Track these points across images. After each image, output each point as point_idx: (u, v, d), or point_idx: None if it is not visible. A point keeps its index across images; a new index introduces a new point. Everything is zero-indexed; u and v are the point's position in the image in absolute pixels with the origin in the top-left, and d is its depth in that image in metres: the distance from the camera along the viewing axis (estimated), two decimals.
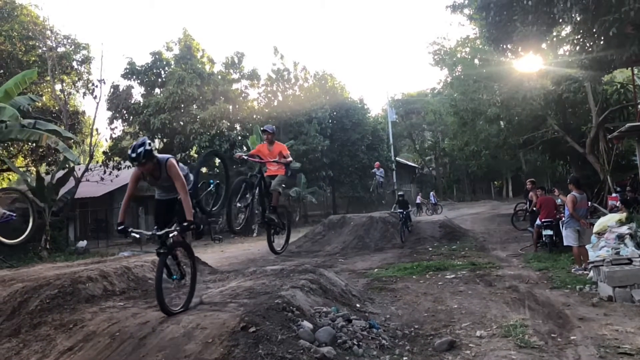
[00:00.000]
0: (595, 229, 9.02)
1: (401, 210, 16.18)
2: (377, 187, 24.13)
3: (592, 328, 5.46)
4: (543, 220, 11.35)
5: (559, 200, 12.09)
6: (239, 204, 6.90)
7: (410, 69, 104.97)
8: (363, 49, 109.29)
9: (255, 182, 7.24)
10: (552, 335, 5.33)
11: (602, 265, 7.00)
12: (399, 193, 17.56)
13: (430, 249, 14.01)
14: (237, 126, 30.83)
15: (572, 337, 5.20)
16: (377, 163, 24.32)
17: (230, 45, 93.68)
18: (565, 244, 9.65)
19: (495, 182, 52.51)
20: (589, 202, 11.15)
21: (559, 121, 22.02)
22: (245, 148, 29.15)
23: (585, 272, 8.34)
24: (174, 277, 5.52)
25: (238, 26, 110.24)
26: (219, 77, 30.33)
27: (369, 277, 9.93)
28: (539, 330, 5.50)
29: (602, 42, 12.16)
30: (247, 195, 7.14)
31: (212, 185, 6.57)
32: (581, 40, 12.99)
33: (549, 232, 11.21)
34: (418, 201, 30.73)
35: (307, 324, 5.00)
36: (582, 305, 6.56)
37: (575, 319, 5.85)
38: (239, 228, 7.08)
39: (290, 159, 7.75)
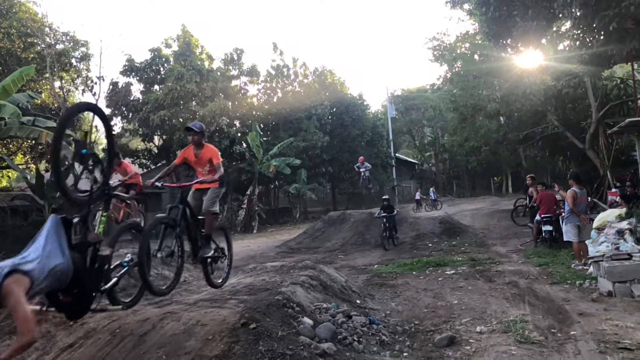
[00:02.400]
0: (595, 224, 9.00)
1: (385, 215, 14.25)
2: (366, 183, 21.93)
3: (592, 323, 5.46)
4: (543, 215, 11.34)
5: (559, 195, 12.08)
6: (160, 255, 5.02)
7: (410, 65, 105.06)
8: (363, 44, 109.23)
9: (177, 217, 5.25)
10: (552, 330, 5.34)
11: (602, 261, 7.00)
12: (384, 197, 15.54)
13: (430, 245, 14.01)
14: (237, 123, 30.83)
15: (572, 332, 5.20)
16: (361, 158, 22.64)
17: (229, 41, 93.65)
18: (565, 239, 9.64)
19: (495, 178, 52.51)
20: (589, 198, 11.15)
21: (558, 117, 22.03)
22: (244, 144, 29.13)
23: (585, 268, 8.34)
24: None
25: (237, 22, 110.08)
26: (218, 73, 30.29)
27: (369, 273, 9.94)
28: (539, 325, 5.51)
29: (602, 37, 12.13)
30: (171, 239, 5.18)
31: (89, 158, 4.31)
32: (581, 35, 12.96)
33: (549, 227, 11.20)
34: (417, 197, 30.74)
35: (307, 320, 5.00)
36: (582, 300, 6.56)
37: (575, 314, 5.85)
38: (167, 288, 5.06)
39: (221, 170, 5.82)
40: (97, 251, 4.13)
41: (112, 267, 4.45)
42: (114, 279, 4.41)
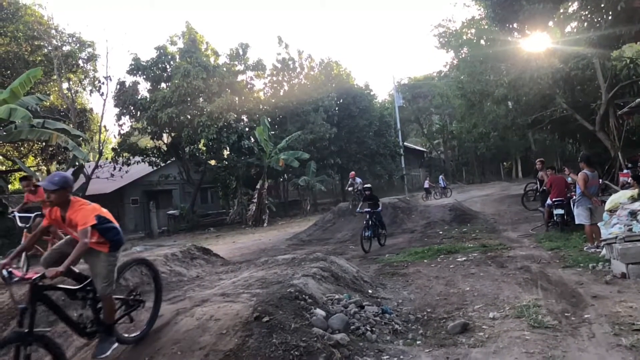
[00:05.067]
0: (607, 206, 8.93)
1: (368, 210, 12.04)
2: (359, 198, 18.69)
3: (605, 306, 5.43)
4: (554, 199, 11.27)
5: (570, 179, 11.99)
6: None
7: (416, 53, 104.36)
8: (368, 34, 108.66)
9: (22, 333, 3.73)
10: (566, 314, 5.31)
11: (615, 243, 6.94)
12: (365, 185, 13.18)
13: (441, 232, 13.99)
14: (244, 117, 30.86)
15: (585, 316, 5.18)
16: (352, 173, 21.11)
17: (234, 36, 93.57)
18: (577, 222, 9.58)
19: (505, 163, 52.25)
20: (600, 180, 11.04)
21: (567, 99, 21.74)
22: (252, 139, 29.15)
23: (598, 250, 8.29)
24: None
25: (241, 17, 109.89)
26: (224, 69, 30.32)
27: (380, 262, 9.95)
28: (552, 309, 5.49)
29: (610, 18, 11.99)
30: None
31: None
32: (589, 16, 12.82)
33: (560, 211, 11.13)
34: (426, 185, 30.70)
35: (320, 312, 5.02)
36: (595, 283, 6.52)
37: (588, 297, 5.82)
38: None
39: (87, 238, 4.07)
40: None
41: None
42: None
